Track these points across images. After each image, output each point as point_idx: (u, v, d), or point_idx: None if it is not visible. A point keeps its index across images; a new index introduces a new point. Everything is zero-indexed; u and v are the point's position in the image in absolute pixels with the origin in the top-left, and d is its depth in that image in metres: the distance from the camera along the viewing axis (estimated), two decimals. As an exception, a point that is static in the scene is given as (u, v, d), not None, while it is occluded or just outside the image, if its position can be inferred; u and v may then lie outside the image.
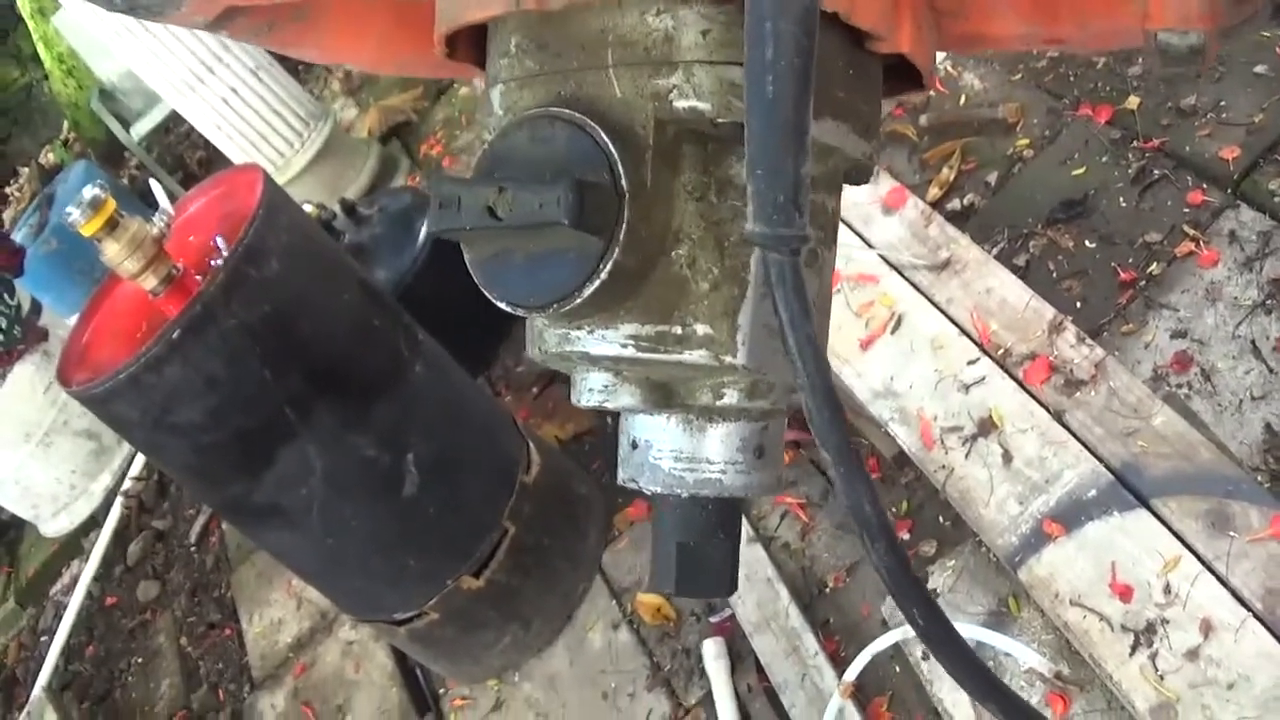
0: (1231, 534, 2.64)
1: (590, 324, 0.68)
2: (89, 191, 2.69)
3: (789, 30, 0.48)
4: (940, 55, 4.53)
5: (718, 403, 0.71)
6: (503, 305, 0.68)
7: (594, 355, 0.69)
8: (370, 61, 0.82)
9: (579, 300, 0.63)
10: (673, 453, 0.74)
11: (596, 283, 0.63)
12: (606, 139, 0.62)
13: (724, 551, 0.76)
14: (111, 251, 2.76)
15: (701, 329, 0.66)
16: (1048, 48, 0.61)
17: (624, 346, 0.67)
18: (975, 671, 0.63)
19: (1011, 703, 0.66)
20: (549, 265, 0.64)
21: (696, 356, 0.66)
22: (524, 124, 0.65)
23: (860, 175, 0.77)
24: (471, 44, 0.72)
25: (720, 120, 0.62)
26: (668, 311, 0.66)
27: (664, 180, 0.64)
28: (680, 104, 0.62)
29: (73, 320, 3.20)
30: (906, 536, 3.40)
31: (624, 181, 0.62)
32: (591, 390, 0.74)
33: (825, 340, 0.74)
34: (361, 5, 0.75)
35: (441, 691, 4.18)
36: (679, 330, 0.66)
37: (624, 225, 0.62)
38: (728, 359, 0.66)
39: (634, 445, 0.77)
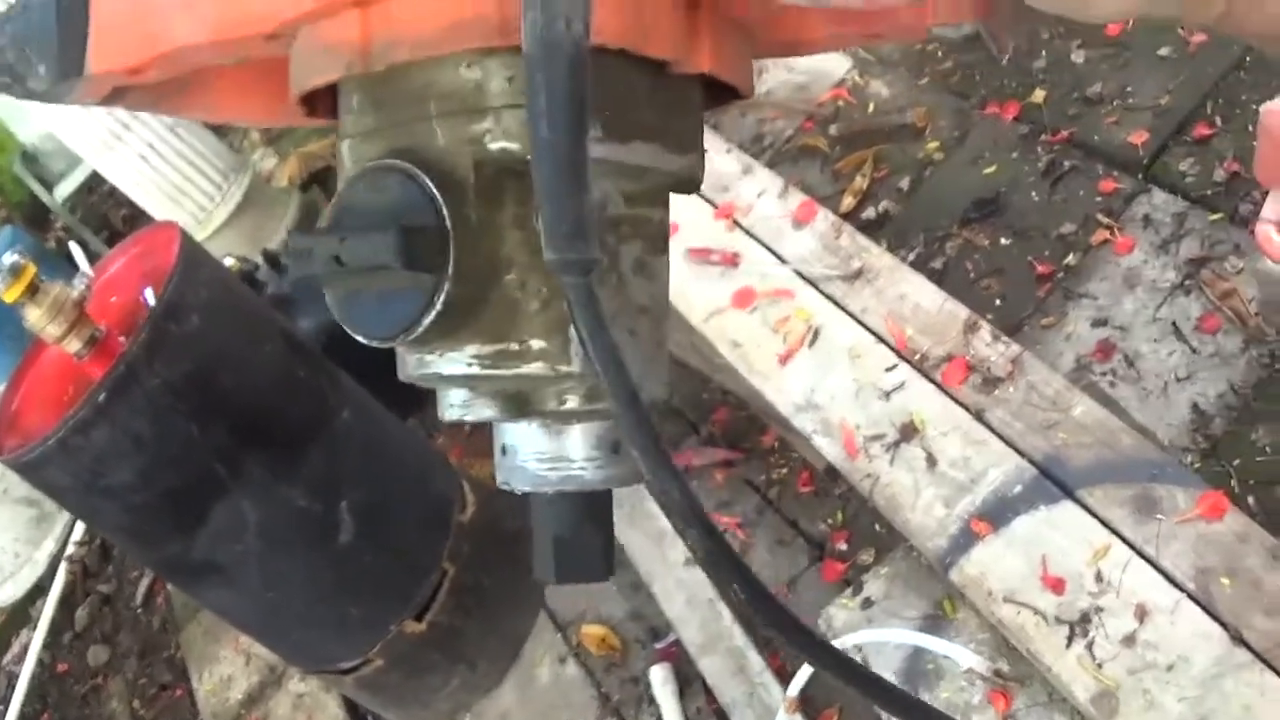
0: (1159, 517, 2.65)
1: (438, 348, 0.73)
2: (8, 258, 2.69)
3: (558, 79, 0.52)
4: (847, 65, 4.56)
5: (562, 408, 0.76)
6: (360, 338, 0.73)
7: (446, 375, 0.74)
8: (258, 119, 0.87)
9: (420, 330, 0.68)
10: (536, 454, 0.79)
11: (433, 314, 0.68)
12: (431, 185, 0.67)
13: (597, 539, 0.81)
14: (34, 317, 2.75)
15: (536, 344, 0.71)
16: (858, 44, 0.66)
17: (469, 365, 0.72)
18: (809, 640, 0.68)
19: (851, 668, 0.70)
20: (392, 301, 0.69)
21: (535, 369, 0.71)
22: (364, 175, 0.70)
23: (686, 186, 0.80)
24: (328, 103, 0.77)
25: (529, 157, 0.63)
26: (504, 331, 0.71)
27: (488, 216, 0.69)
28: (493, 146, 0.67)
29: (1, 387, 3.18)
30: (844, 547, 3.41)
31: (448, 221, 0.67)
32: (452, 405, 0.79)
33: (666, 340, 0.80)
34: (238, 73, 0.79)
35: (395, 737, 4.15)
36: (516, 346, 0.71)
37: (451, 261, 0.67)
38: (563, 368, 0.71)
39: (504, 451, 0.81)
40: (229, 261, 4.32)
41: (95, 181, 7.52)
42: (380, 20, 0.66)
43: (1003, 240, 3.69)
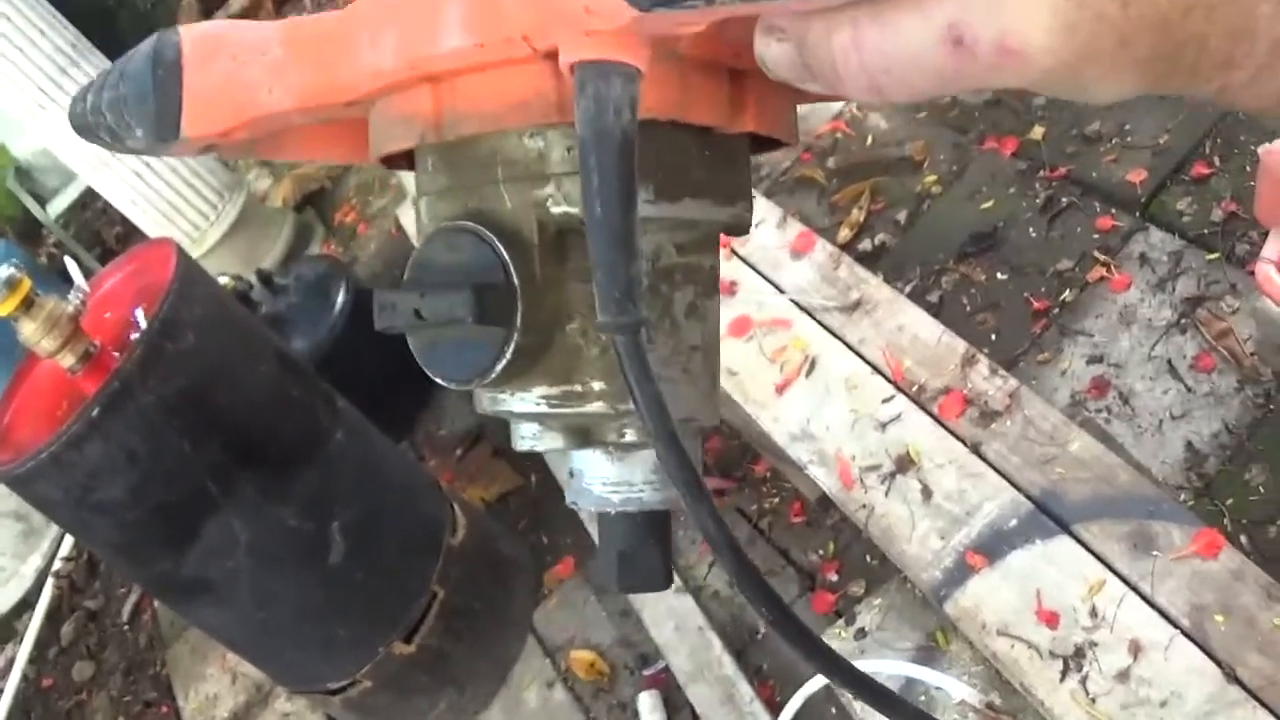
0: (1155, 553, 2.65)
1: (510, 389, 0.79)
2: (3, 271, 2.67)
3: (609, 162, 0.57)
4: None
5: (623, 439, 0.81)
6: (440, 381, 0.78)
7: (517, 412, 0.80)
8: (341, 160, 0.92)
9: (493, 375, 0.74)
10: (600, 479, 0.84)
11: (503, 362, 0.73)
12: (500, 245, 0.72)
13: (656, 553, 0.85)
14: (28, 330, 2.74)
15: (597, 385, 0.77)
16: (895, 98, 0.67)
17: (538, 404, 0.78)
18: (832, 659, 0.70)
19: (869, 687, 0.73)
20: (468, 350, 0.75)
21: (596, 407, 0.77)
22: (439, 234, 0.76)
23: (735, 231, 0.85)
24: (405, 157, 0.82)
25: None
26: (569, 374, 0.77)
27: (552, 271, 0.74)
28: (555, 210, 0.72)
29: (-7, 401, 3.18)
30: (835, 578, 3.40)
31: (516, 279, 0.72)
32: (524, 437, 0.85)
33: (718, 373, 0.85)
34: (324, 125, 0.84)
35: (381, 759, 4.14)
36: (579, 388, 0.77)
37: (519, 314, 0.72)
38: (621, 406, 0.77)
39: (572, 475, 0.87)
40: (223, 280, 4.31)
41: (89, 198, 7.56)
42: (450, 95, 0.71)
43: (999, 275, 3.69)
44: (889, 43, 0.51)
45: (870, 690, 0.73)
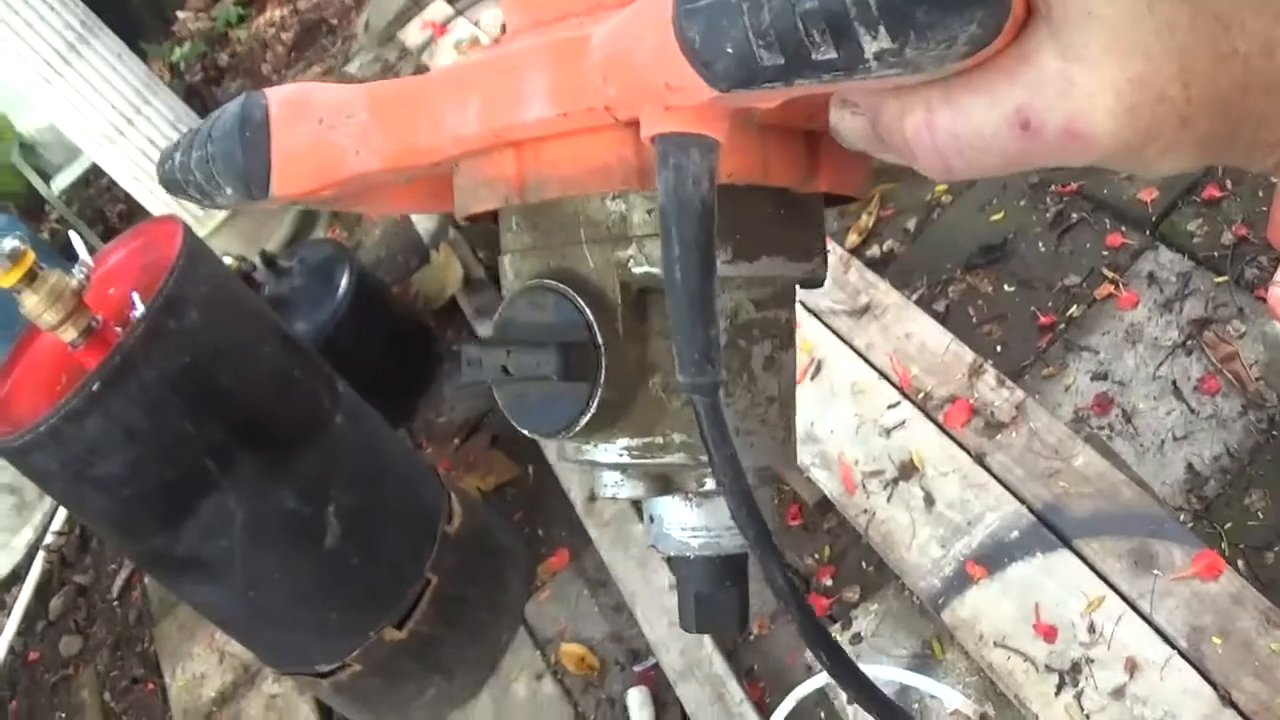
0: (1155, 572, 2.65)
1: (594, 440, 0.81)
2: (8, 243, 2.66)
3: (688, 231, 0.59)
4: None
5: (701, 488, 0.83)
6: (525, 432, 0.81)
7: (601, 462, 0.82)
8: (424, 211, 0.95)
9: (578, 428, 0.76)
10: (679, 524, 0.86)
11: (588, 416, 0.75)
12: (584, 304, 0.75)
13: (732, 596, 0.87)
14: (30, 303, 2.72)
15: (679, 437, 0.79)
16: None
17: (621, 455, 0.80)
18: (886, 707, 0.72)
19: None
20: (554, 403, 0.77)
21: (677, 459, 0.79)
22: (524, 293, 0.78)
23: (810, 284, 0.87)
24: (490, 214, 0.84)
25: None
26: (651, 426, 0.79)
27: (634, 328, 0.77)
28: (637, 270, 0.74)
29: (-9, 373, 3.16)
30: (829, 583, 3.39)
31: (599, 337, 0.74)
32: (606, 485, 0.87)
33: (794, 421, 0.87)
34: (405, 184, 0.86)
35: (366, 745, 4.13)
36: (660, 440, 0.79)
37: (603, 371, 0.75)
38: (701, 457, 0.78)
39: (652, 520, 0.89)
40: (227, 261, 4.30)
41: (93, 175, 7.54)
42: (533, 160, 0.73)
43: (1006, 287, 3.69)
44: (960, 125, 0.52)
45: None
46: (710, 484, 0.82)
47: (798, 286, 0.86)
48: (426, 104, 0.72)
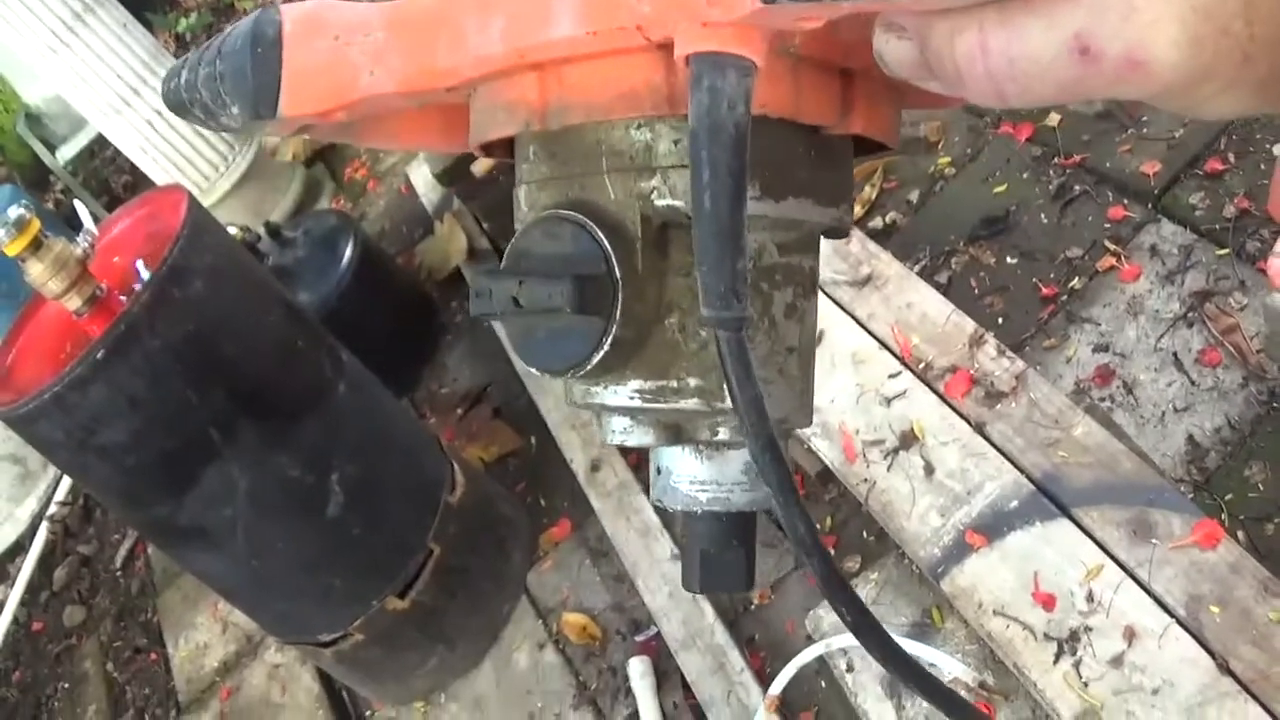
0: (1154, 541, 2.66)
1: (604, 381, 0.78)
2: (13, 211, 2.67)
3: (721, 157, 0.56)
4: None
5: (715, 438, 0.81)
6: (534, 370, 0.79)
7: (610, 405, 0.79)
8: (435, 148, 0.92)
9: (589, 366, 0.74)
10: (688, 477, 0.84)
11: (601, 353, 0.73)
12: (602, 235, 0.72)
13: (739, 555, 0.85)
14: (35, 272, 2.73)
15: (694, 381, 0.76)
16: (996, 105, 0.70)
17: (631, 399, 0.78)
18: (903, 662, 0.70)
19: (938, 690, 0.73)
20: (564, 340, 0.75)
21: (691, 404, 0.76)
22: (539, 223, 0.76)
23: (836, 233, 0.85)
24: (504, 146, 0.83)
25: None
26: (665, 369, 0.77)
27: (654, 264, 0.75)
28: (660, 203, 0.71)
29: (-3, 342, 3.17)
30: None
31: (617, 271, 0.72)
32: (614, 431, 0.84)
33: (812, 376, 0.84)
34: (420, 110, 0.84)
35: (368, 714, 4.16)
36: (675, 384, 0.76)
37: (619, 306, 0.72)
38: (716, 404, 0.76)
39: (659, 471, 0.87)
40: (232, 231, 4.31)
41: (98, 145, 7.53)
42: (556, 84, 0.70)
43: (1009, 259, 3.69)
44: (1016, 48, 0.51)
45: (954, 704, 0.75)
46: (723, 433, 0.80)
47: (822, 237, 0.85)
48: (447, 22, 0.70)
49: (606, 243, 0.72)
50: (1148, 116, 3.72)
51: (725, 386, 0.67)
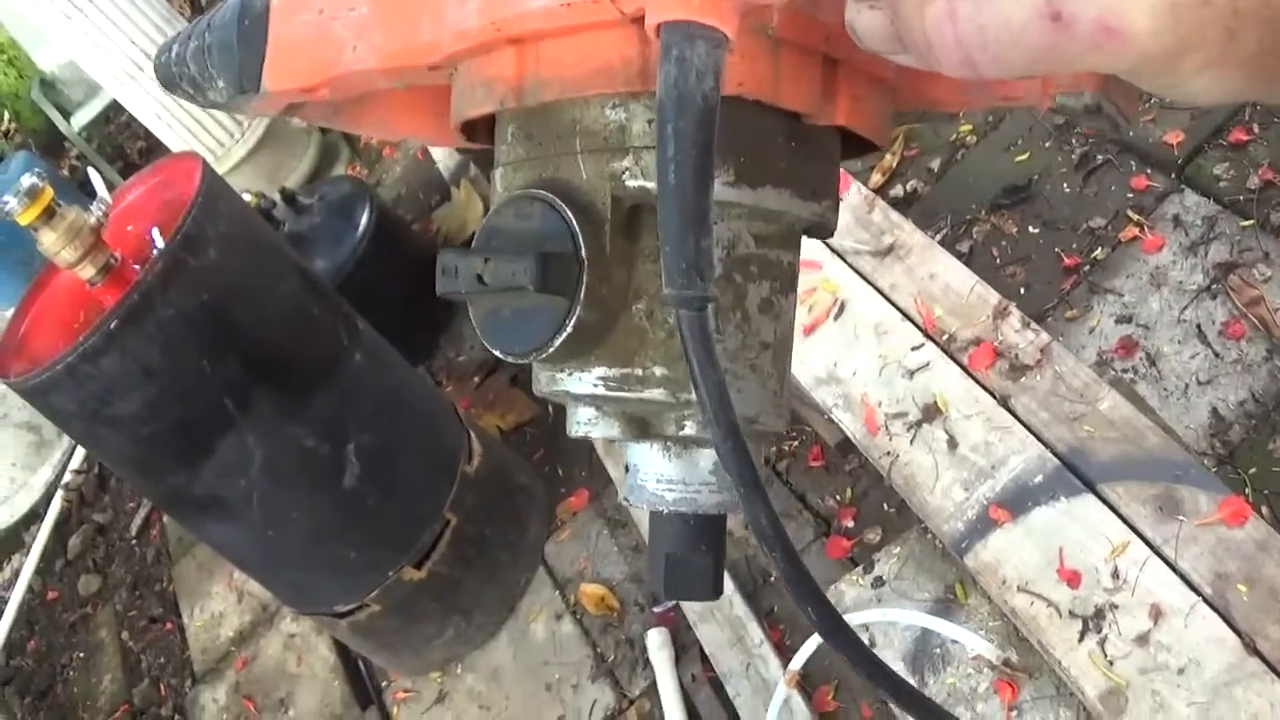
0: (1180, 518, 2.63)
1: (568, 367, 0.78)
2: (26, 180, 2.66)
3: (687, 129, 0.56)
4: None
5: (681, 433, 0.79)
6: (498, 353, 0.78)
7: (574, 393, 0.78)
8: (428, 137, 0.93)
9: (552, 350, 0.73)
10: (655, 475, 0.82)
11: (563, 335, 0.72)
12: (570, 215, 0.71)
13: (707, 560, 0.83)
14: (49, 240, 2.72)
15: (659, 371, 0.75)
16: (987, 107, 0.71)
17: (595, 386, 0.76)
18: (870, 662, 0.68)
19: (905, 690, 0.71)
20: (528, 321, 0.74)
21: (656, 394, 0.75)
22: (511, 202, 0.75)
23: (818, 231, 0.84)
24: (488, 131, 0.83)
25: None
26: (630, 356, 0.76)
27: (623, 247, 0.74)
28: (632, 183, 0.71)
29: (10, 311, 3.15)
30: (850, 524, 3.39)
31: (584, 251, 0.71)
32: (579, 423, 0.83)
33: (787, 377, 0.83)
34: (409, 95, 0.84)
35: (384, 684, 4.15)
36: (640, 372, 0.76)
37: (584, 287, 0.72)
38: (683, 395, 0.75)
39: (627, 469, 0.85)
40: (247, 198, 4.29)
41: (113, 111, 7.52)
42: (533, 60, 0.71)
43: (1031, 229, 3.67)
44: (985, 15, 0.49)
45: (924, 708, 0.73)
46: (690, 428, 0.79)
47: (805, 235, 0.84)
48: None
49: (574, 221, 0.71)
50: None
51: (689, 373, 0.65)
